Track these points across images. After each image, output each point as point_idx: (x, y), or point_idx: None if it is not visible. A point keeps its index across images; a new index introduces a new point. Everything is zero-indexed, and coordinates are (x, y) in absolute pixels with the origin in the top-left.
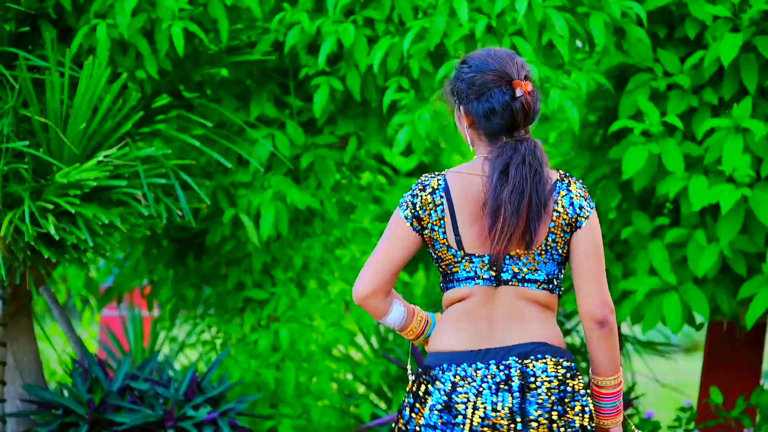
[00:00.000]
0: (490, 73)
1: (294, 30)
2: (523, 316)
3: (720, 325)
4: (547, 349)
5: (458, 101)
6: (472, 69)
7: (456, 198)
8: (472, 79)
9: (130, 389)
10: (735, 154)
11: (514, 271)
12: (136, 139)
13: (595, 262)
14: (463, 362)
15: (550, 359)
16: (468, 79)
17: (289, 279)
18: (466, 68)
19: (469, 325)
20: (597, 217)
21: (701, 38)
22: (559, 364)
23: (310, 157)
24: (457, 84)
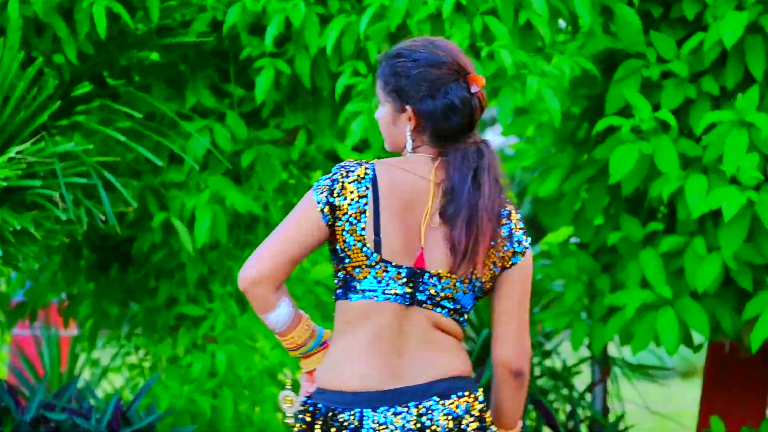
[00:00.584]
0: (444, 67)
1: (235, 8)
2: (435, 345)
3: (721, 346)
4: (465, 384)
5: (403, 101)
6: (419, 63)
7: (383, 193)
8: (422, 74)
9: (45, 420)
10: (739, 152)
11: (431, 293)
12: (53, 133)
13: (522, 306)
14: (381, 405)
15: (470, 395)
16: (417, 75)
17: (229, 293)
18: (410, 63)
19: (380, 355)
20: (531, 257)
21: (701, 19)
22: (476, 399)
23: (253, 154)
24: (401, 81)
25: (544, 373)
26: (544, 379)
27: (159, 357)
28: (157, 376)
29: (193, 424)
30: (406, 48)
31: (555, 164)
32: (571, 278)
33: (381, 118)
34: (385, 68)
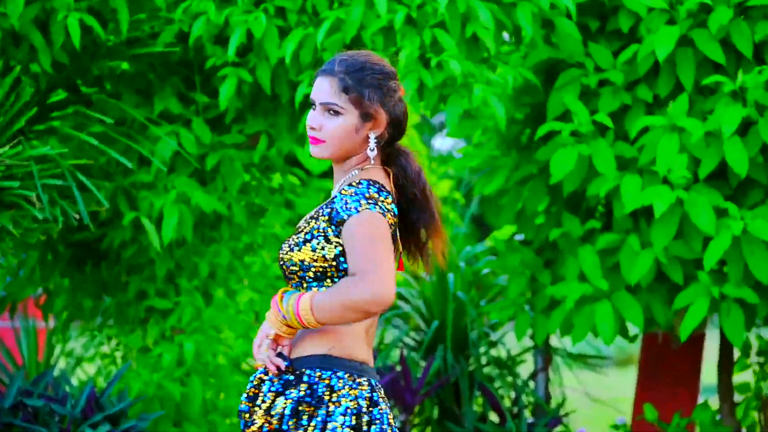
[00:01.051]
0: (396, 78)
1: (200, 20)
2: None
3: (655, 336)
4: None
5: (372, 111)
6: (387, 75)
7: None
8: (389, 86)
9: (24, 406)
10: (670, 155)
11: None
12: (30, 137)
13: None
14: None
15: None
16: (386, 86)
17: (195, 287)
18: (379, 75)
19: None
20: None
21: (635, 31)
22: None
23: (217, 157)
24: (372, 92)
25: (490, 361)
26: (490, 368)
27: (130, 347)
28: (128, 364)
29: (162, 409)
30: (363, 60)
31: (499, 165)
32: (515, 273)
33: (341, 127)
34: (347, 79)
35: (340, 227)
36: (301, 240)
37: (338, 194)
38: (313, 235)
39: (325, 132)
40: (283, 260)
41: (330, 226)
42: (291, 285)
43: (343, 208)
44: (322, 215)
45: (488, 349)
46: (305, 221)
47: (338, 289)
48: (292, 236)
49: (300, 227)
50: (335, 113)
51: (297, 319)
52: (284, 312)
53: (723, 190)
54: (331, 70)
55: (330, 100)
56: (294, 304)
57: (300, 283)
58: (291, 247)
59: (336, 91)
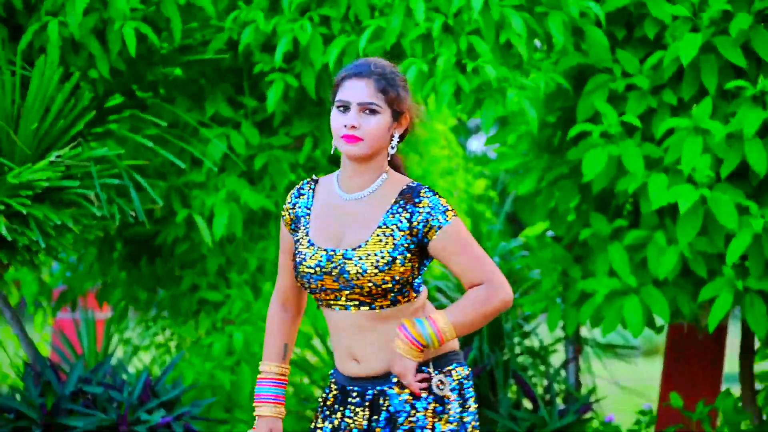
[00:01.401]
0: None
1: (249, 28)
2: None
3: (680, 327)
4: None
5: (401, 110)
6: (402, 76)
7: None
8: (406, 86)
9: (83, 393)
10: (694, 155)
11: None
12: (88, 140)
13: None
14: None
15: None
16: (406, 87)
17: (244, 281)
18: (404, 79)
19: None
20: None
21: (660, 38)
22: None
23: (265, 158)
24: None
25: (524, 351)
26: (523, 357)
27: (183, 337)
28: (181, 354)
29: (214, 396)
30: (388, 66)
31: (532, 167)
32: (547, 267)
33: (378, 125)
34: (382, 81)
35: (426, 239)
36: (389, 259)
37: (412, 207)
38: (399, 251)
39: (363, 130)
40: (371, 282)
41: (411, 239)
42: (372, 299)
43: (426, 221)
44: (399, 229)
45: (522, 340)
46: (377, 238)
47: (474, 303)
48: (360, 255)
49: (365, 242)
50: (372, 112)
51: (438, 342)
52: (423, 341)
53: (744, 189)
54: (366, 72)
55: (369, 99)
56: (434, 330)
57: (384, 296)
58: (379, 267)
59: (373, 92)
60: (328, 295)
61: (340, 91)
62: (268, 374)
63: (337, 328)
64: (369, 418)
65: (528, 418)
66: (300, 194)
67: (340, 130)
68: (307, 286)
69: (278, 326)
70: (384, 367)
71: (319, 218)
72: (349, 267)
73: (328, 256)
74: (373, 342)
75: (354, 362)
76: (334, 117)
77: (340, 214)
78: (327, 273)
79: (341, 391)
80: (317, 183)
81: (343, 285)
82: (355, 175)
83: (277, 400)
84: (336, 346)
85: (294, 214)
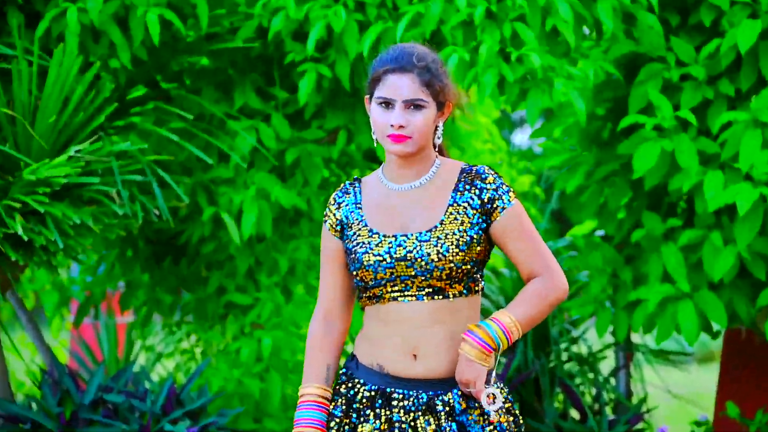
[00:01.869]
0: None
1: (279, 15)
2: None
3: (737, 332)
4: None
5: (445, 100)
6: (441, 62)
7: None
8: (447, 72)
9: (104, 402)
10: (753, 150)
11: None
12: (109, 133)
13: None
14: None
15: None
16: (447, 74)
17: (275, 283)
18: (443, 66)
19: None
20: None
21: (717, 25)
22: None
23: (296, 153)
24: (445, 82)
25: (572, 358)
26: (571, 364)
27: (210, 343)
28: (208, 360)
29: (242, 405)
30: (429, 54)
31: (580, 162)
32: (596, 269)
33: (424, 120)
34: (424, 73)
35: (492, 217)
36: (468, 238)
37: (480, 183)
38: (475, 230)
39: (410, 128)
40: (453, 262)
41: (483, 217)
42: (448, 285)
43: (493, 199)
44: (471, 207)
45: (569, 346)
46: (451, 216)
47: (537, 296)
48: (437, 236)
49: (440, 223)
50: (418, 108)
51: (508, 342)
52: (494, 344)
53: None
54: (409, 66)
55: (415, 96)
56: (502, 330)
57: (461, 281)
58: (460, 247)
59: (419, 87)
60: (396, 285)
61: (383, 86)
62: (309, 397)
63: (397, 318)
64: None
65: (575, 428)
66: (345, 193)
67: (386, 129)
68: (372, 276)
69: (320, 345)
70: (444, 370)
71: (375, 210)
72: (427, 249)
73: (399, 242)
74: (442, 337)
75: (410, 358)
76: (378, 114)
77: (399, 204)
78: (400, 259)
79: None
80: (360, 182)
81: (420, 270)
82: (405, 167)
83: (319, 425)
84: (384, 339)
85: (341, 213)
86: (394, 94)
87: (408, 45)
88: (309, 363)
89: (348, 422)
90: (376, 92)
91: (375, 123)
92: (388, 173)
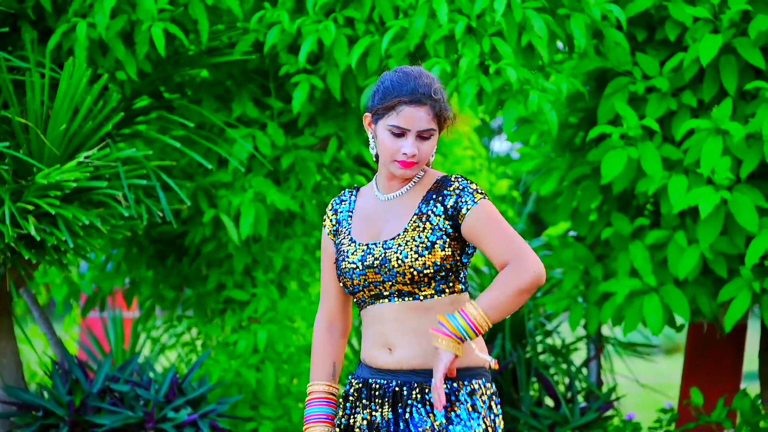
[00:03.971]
0: None
1: (274, 29)
2: None
3: (700, 326)
4: None
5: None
6: (443, 89)
7: None
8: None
9: (111, 391)
10: (714, 156)
11: None
12: (116, 140)
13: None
14: None
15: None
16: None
17: (270, 280)
18: (443, 91)
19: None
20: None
21: (681, 40)
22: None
23: (291, 158)
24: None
25: (546, 349)
26: (546, 355)
27: (209, 336)
28: (208, 352)
29: (240, 394)
30: (438, 85)
31: (554, 167)
32: (569, 267)
33: (432, 147)
34: (436, 106)
35: (458, 221)
36: (428, 243)
37: (444, 191)
38: (437, 235)
39: (420, 155)
40: (413, 267)
41: (448, 222)
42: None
43: (456, 203)
44: (434, 214)
45: (544, 338)
46: (414, 224)
47: (504, 283)
48: (399, 243)
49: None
50: (428, 137)
51: (474, 331)
52: (458, 333)
53: (764, 189)
54: (423, 99)
55: (427, 127)
56: (466, 320)
57: (428, 284)
58: (419, 252)
59: (431, 119)
60: (371, 290)
61: (397, 116)
62: (317, 394)
63: (376, 318)
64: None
65: (550, 415)
66: (341, 200)
67: (397, 155)
68: (350, 283)
69: (324, 346)
70: (416, 362)
71: (360, 219)
72: (389, 255)
73: (369, 250)
74: (413, 329)
75: (386, 351)
76: (389, 140)
77: (379, 212)
78: (369, 267)
79: (364, 384)
80: (358, 190)
81: (386, 276)
82: (396, 179)
83: (328, 419)
84: (369, 337)
85: (336, 219)
86: (410, 125)
87: (418, 73)
88: (315, 362)
89: (343, 414)
90: (388, 119)
91: (386, 147)
92: (379, 183)
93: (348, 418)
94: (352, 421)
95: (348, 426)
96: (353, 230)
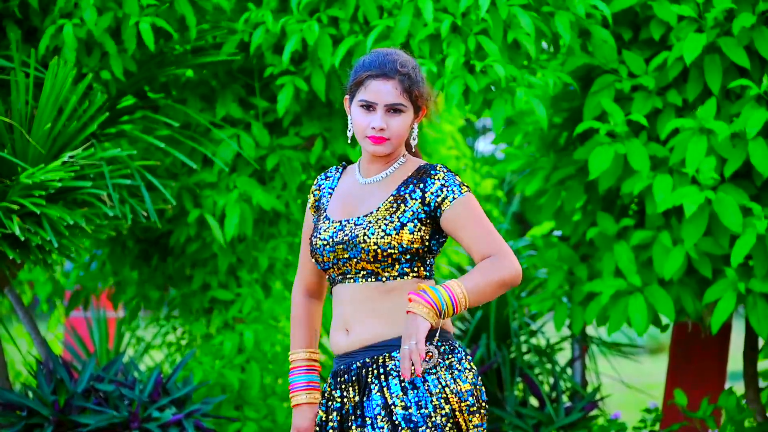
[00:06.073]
0: None
1: (259, 30)
2: None
3: (685, 326)
4: None
5: (421, 104)
6: (420, 68)
7: None
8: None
9: (95, 390)
10: (699, 156)
11: None
12: (101, 140)
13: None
14: None
15: None
16: (424, 79)
17: (255, 280)
18: (419, 70)
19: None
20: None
21: (666, 39)
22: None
23: (276, 158)
24: (422, 87)
25: (531, 349)
26: (530, 355)
27: (194, 336)
28: (192, 352)
29: (224, 394)
30: (410, 61)
31: (539, 167)
32: (554, 267)
33: (403, 124)
34: (406, 80)
35: (438, 210)
36: (397, 224)
37: (427, 178)
38: (408, 218)
39: (390, 131)
40: (377, 244)
41: (423, 207)
42: (379, 269)
43: (440, 191)
44: (411, 197)
45: (529, 338)
46: (388, 204)
47: (487, 271)
48: (369, 220)
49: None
50: (398, 112)
51: (453, 309)
52: (439, 304)
53: (748, 190)
54: (392, 73)
55: (396, 101)
56: (449, 295)
57: (392, 265)
58: (386, 230)
59: (400, 92)
60: (340, 268)
61: (365, 90)
62: (298, 362)
63: (340, 302)
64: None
65: (534, 415)
66: (326, 177)
67: (366, 131)
68: (321, 259)
69: (303, 314)
70: (368, 337)
71: (338, 198)
72: (357, 231)
73: (341, 226)
74: (371, 311)
75: (344, 333)
76: (359, 115)
77: (357, 194)
78: (338, 243)
79: (333, 375)
80: (344, 168)
81: (351, 252)
82: (374, 162)
83: (311, 386)
84: (334, 319)
85: (318, 195)
86: (377, 98)
87: (390, 51)
88: (294, 332)
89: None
90: (358, 95)
91: (356, 124)
92: (361, 166)
93: (325, 415)
94: (326, 417)
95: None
96: (329, 208)
